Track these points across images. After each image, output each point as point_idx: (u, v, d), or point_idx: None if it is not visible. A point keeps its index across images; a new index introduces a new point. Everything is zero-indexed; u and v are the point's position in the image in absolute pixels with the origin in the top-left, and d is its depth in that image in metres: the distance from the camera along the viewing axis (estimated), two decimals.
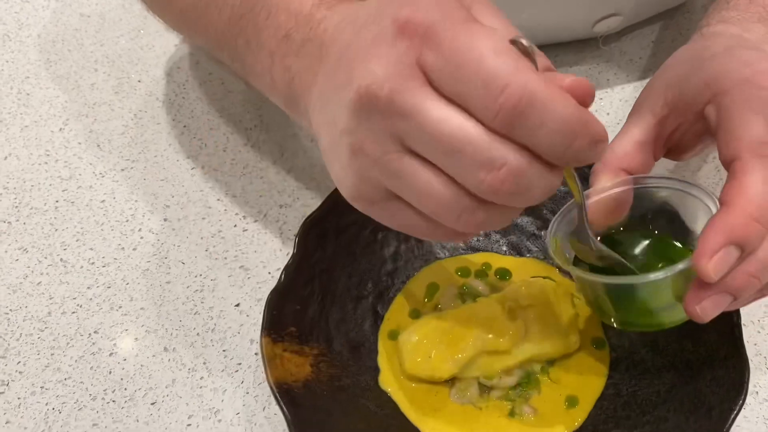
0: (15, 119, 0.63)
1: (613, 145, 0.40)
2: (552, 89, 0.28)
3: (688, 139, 0.41)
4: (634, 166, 0.40)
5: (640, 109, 0.41)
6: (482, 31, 0.29)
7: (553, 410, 0.42)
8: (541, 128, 0.28)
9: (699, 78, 0.39)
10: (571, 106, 0.28)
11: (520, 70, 0.28)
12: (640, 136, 0.40)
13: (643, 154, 0.40)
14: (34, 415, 0.46)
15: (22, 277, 0.52)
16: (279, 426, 0.44)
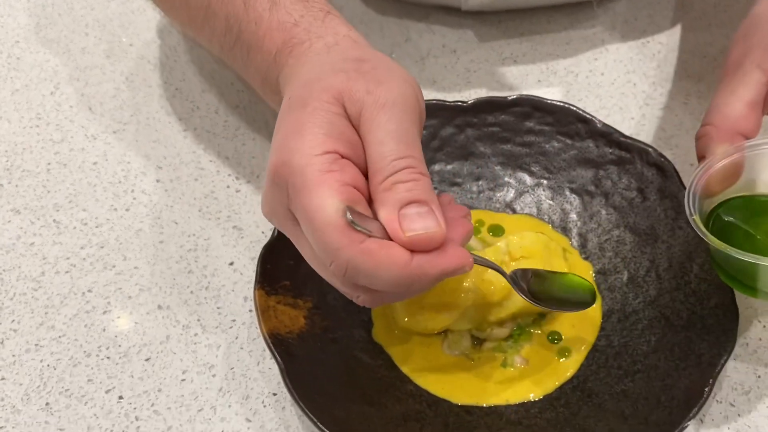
0: (5, 83, 0.63)
1: (724, 108, 0.39)
2: (375, 260, 0.32)
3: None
4: (750, 128, 0.38)
5: (742, 66, 0.39)
6: (321, 200, 0.32)
7: (544, 361, 0.43)
8: (373, 285, 0.33)
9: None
10: (396, 270, 0.32)
11: (343, 248, 0.32)
12: (750, 94, 0.38)
13: (756, 114, 0.38)
14: (29, 371, 0.46)
15: (15, 238, 0.52)
16: (273, 380, 0.44)
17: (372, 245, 0.32)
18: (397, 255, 0.32)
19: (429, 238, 0.32)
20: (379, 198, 0.33)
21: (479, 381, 0.42)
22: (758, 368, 0.44)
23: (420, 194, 0.33)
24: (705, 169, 0.39)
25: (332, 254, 0.32)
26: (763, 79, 0.38)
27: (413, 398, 0.41)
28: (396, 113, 0.34)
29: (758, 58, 0.38)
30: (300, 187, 0.33)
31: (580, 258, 0.47)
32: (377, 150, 0.34)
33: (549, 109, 0.50)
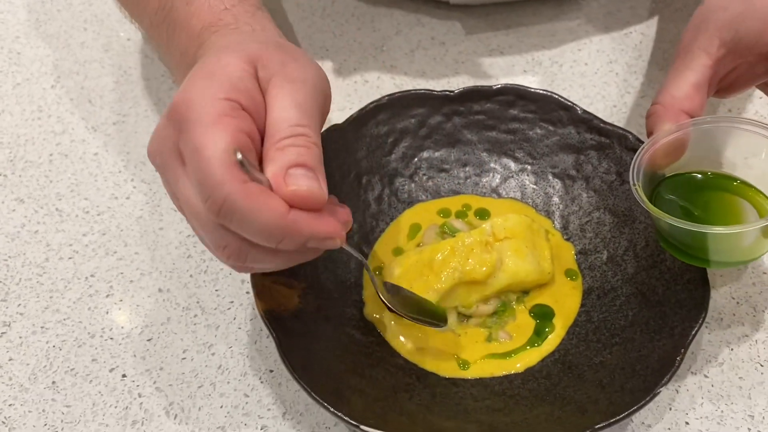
0: (6, 77, 0.65)
1: (671, 89, 0.41)
2: (253, 202, 0.32)
3: (745, 79, 0.42)
4: (694, 108, 0.41)
5: (690, 52, 0.41)
6: (213, 137, 0.33)
7: (527, 336, 0.45)
8: (245, 229, 0.33)
9: (759, 18, 0.39)
10: (271, 216, 0.33)
11: (225, 182, 0.32)
12: (696, 77, 0.40)
13: (701, 95, 0.41)
14: (36, 352, 0.48)
15: (20, 226, 0.54)
16: (270, 357, 0.46)
17: (253, 188, 0.33)
18: (275, 203, 0.33)
19: (310, 195, 0.33)
20: (270, 156, 0.34)
21: (465, 355, 0.44)
22: (731, 342, 0.46)
23: (309, 160, 0.34)
24: (651, 144, 0.41)
25: (212, 189, 0.33)
26: (708, 62, 0.41)
27: (403, 371, 0.43)
28: (304, 90, 0.36)
29: (704, 44, 0.41)
30: (196, 123, 0.34)
31: (563, 239, 0.49)
32: (279, 114, 0.35)
33: (532, 98, 0.52)
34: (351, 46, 0.64)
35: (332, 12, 0.67)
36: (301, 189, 0.33)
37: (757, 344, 0.46)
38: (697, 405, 0.43)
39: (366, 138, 0.51)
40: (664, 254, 0.45)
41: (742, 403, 0.43)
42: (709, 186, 0.43)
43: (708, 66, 0.41)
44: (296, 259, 0.37)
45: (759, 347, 0.45)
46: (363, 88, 0.61)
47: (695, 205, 0.42)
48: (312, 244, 0.35)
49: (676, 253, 0.42)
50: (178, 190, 0.36)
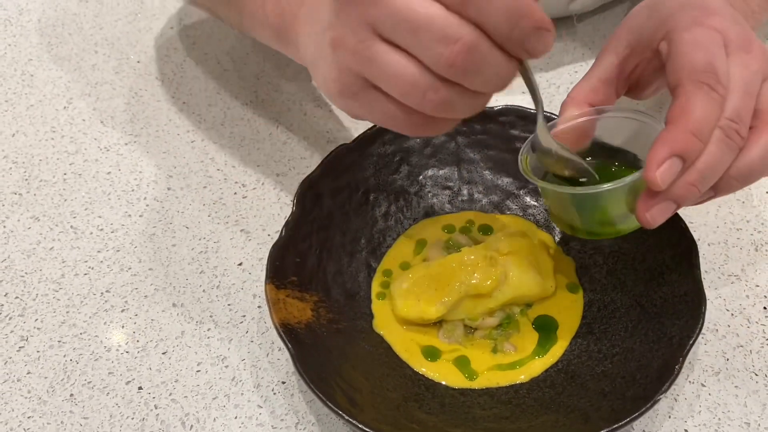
0: (20, 99, 0.66)
1: (580, 82, 0.45)
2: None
3: (647, 75, 0.46)
4: (598, 101, 0.45)
5: (604, 53, 0.46)
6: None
7: (531, 347, 0.46)
8: (488, 6, 0.32)
9: (655, 19, 0.43)
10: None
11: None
12: (603, 74, 0.45)
13: (606, 89, 0.45)
14: (54, 366, 0.49)
15: (35, 243, 0.56)
16: (282, 369, 0.48)
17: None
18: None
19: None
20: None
21: (472, 366, 0.46)
22: (726, 352, 0.48)
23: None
24: (551, 127, 0.44)
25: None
26: (615, 61, 0.44)
27: (412, 382, 0.45)
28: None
29: (614, 45, 0.45)
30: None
31: (563, 254, 0.51)
32: None
33: (532, 118, 0.53)
34: None
35: None
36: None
37: (751, 354, 0.47)
38: (695, 413, 0.45)
39: (373, 157, 0.53)
40: (660, 268, 0.47)
41: (739, 411, 0.45)
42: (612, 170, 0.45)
43: (615, 64, 0.44)
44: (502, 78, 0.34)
45: (753, 357, 0.47)
46: None
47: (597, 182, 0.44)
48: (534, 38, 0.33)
49: (562, 227, 0.45)
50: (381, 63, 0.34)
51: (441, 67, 0.33)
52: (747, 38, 0.41)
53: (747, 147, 0.40)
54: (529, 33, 0.33)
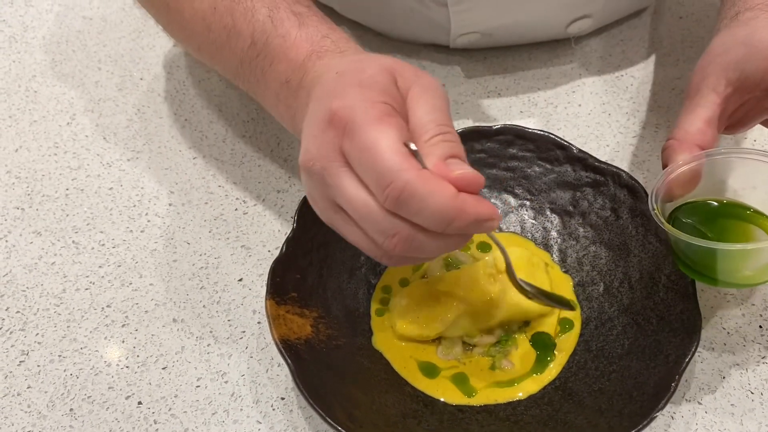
0: (24, 115, 0.67)
1: (684, 125, 0.45)
2: (430, 186, 0.35)
3: (753, 113, 0.46)
4: (706, 142, 0.44)
5: (700, 92, 0.45)
6: (384, 133, 0.36)
7: (529, 364, 0.47)
8: (419, 214, 0.35)
9: (761, 58, 0.43)
10: (446, 199, 0.35)
11: (404, 170, 0.35)
12: (707, 113, 0.44)
13: (712, 130, 0.44)
14: (54, 380, 0.49)
15: (37, 258, 0.56)
16: (281, 385, 0.48)
17: (427, 173, 0.35)
18: (447, 186, 0.35)
19: (474, 178, 0.36)
20: (427, 150, 0.37)
21: (470, 383, 0.46)
22: (723, 370, 0.48)
23: (461, 153, 0.37)
24: (666, 174, 0.45)
25: (393, 176, 0.35)
26: (717, 100, 0.45)
27: (411, 399, 0.45)
28: (439, 96, 0.39)
29: (713, 84, 0.45)
30: (363, 124, 0.36)
31: (561, 271, 0.52)
32: (424, 116, 0.38)
33: (530, 137, 0.55)
34: None
35: None
36: (467, 173, 0.36)
37: (747, 372, 0.48)
38: (692, 431, 0.45)
39: None
40: (657, 286, 0.48)
41: (735, 429, 0.45)
42: (722, 213, 0.46)
43: (717, 103, 0.44)
44: (451, 245, 0.38)
45: (749, 375, 0.48)
46: None
47: (709, 229, 0.45)
48: (472, 227, 0.36)
49: (691, 274, 0.45)
50: (341, 190, 0.37)
51: (387, 250, 0.38)
52: None
53: None
54: (465, 228, 0.36)
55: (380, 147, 0.35)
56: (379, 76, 0.38)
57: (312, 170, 0.38)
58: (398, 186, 0.35)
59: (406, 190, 0.35)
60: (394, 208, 0.36)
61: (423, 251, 0.38)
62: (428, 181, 0.35)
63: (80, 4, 0.77)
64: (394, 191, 0.35)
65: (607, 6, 0.66)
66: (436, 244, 0.37)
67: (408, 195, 0.35)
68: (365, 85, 0.38)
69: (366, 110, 0.36)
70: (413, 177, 0.35)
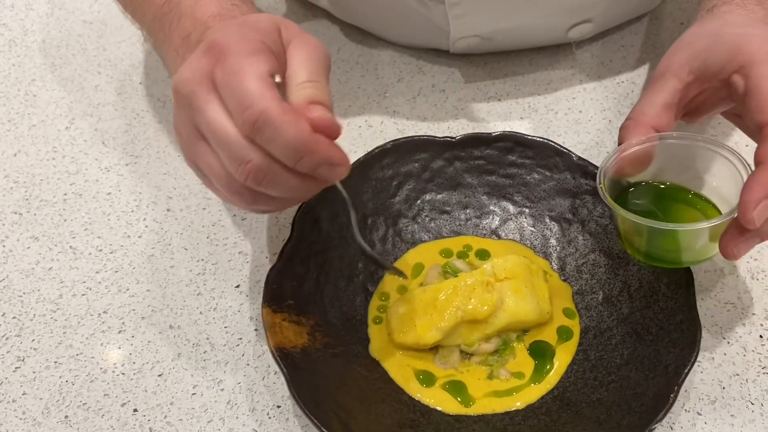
0: (23, 119, 0.67)
1: (643, 107, 0.46)
2: (287, 116, 0.36)
3: (710, 103, 0.47)
4: (662, 125, 0.45)
5: (663, 76, 0.46)
6: (253, 62, 0.37)
7: (527, 374, 0.46)
8: (273, 142, 0.37)
9: (723, 50, 0.44)
10: (300, 131, 0.36)
11: (264, 97, 0.36)
12: (666, 98, 0.45)
13: (669, 114, 0.46)
14: (49, 386, 0.49)
15: (34, 263, 0.56)
16: (277, 393, 0.48)
17: (287, 105, 0.37)
18: (303, 122, 0.37)
19: (330, 124, 0.38)
20: (294, 92, 0.38)
21: (468, 392, 0.46)
22: (723, 380, 0.48)
23: (327, 101, 0.39)
24: (619, 152, 0.46)
25: (252, 101, 0.36)
26: (678, 86, 0.45)
27: (407, 408, 0.45)
28: (318, 52, 0.41)
29: (676, 70, 0.46)
30: (236, 52, 0.38)
31: (560, 280, 0.51)
32: (300, 65, 0.40)
33: (529, 144, 0.54)
34: (356, 92, 0.67)
35: (337, 59, 0.70)
36: (324, 117, 0.38)
37: (747, 383, 0.47)
38: None
39: (372, 181, 0.54)
40: (656, 295, 0.47)
41: None
42: (667, 196, 0.47)
43: (678, 89, 0.45)
44: (303, 189, 0.40)
45: (750, 386, 0.47)
46: (367, 133, 0.64)
47: (653, 210, 0.46)
48: (323, 169, 0.38)
49: (635, 254, 0.46)
50: (204, 114, 0.38)
51: (240, 179, 0.39)
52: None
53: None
54: (315, 166, 0.38)
55: (246, 72, 0.37)
56: (263, 22, 0.41)
57: (180, 93, 0.39)
58: (256, 111, 0.36)
59: (263, 116, 0.36)
60: (250, 132, 0.37)
61: (274, 186, 0.39)
62: (286, 112, 0.36)
63: (80, 7, 0.77)
64: (252, 115, 0.36)
65: (607, 11, 0.65)
66: (287, 182, 0.38)
67: (264, 121, 0.36)
68: (247, 26, 0.40)
69: (241, 43, 0.38)
70: (272, 105, 0.36)
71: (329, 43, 0.71)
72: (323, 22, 0.73)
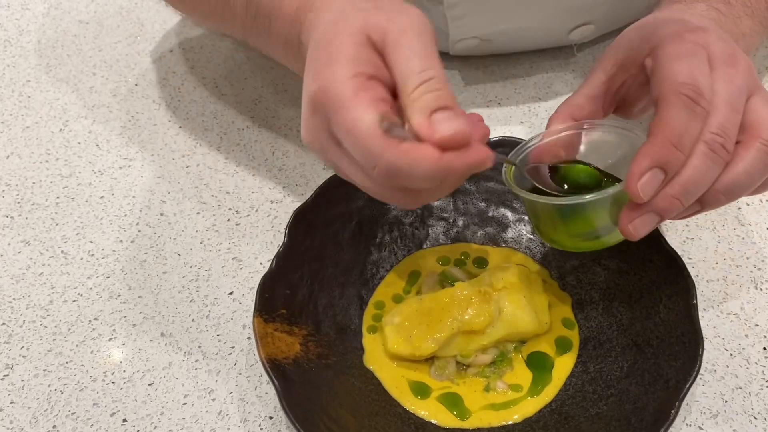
0: (16, 120, 0.66)
1: (567, 99, 0.46)
2: (411, 157, 0.36)
3: (633, 92, 0.46)
4: (583, 116, 0.45)
5: (593, 71, 0.46)
6: (360, 115, 0.36)
7: (525, 386, 0.45)
8: (411, 183, 0.37)
9: (641, 36, 0.44)
10: (430, 164, 0.36)
11: (384, 151, 0.36)
12: (590, 91, 0.46)
13: (592, 105, 0.46)
14: (38, 395, 0.48)
15: (25, 268, 0.55)
16: (270, 403, 0.47)
17: (407, 146, 0.36)
18: (429, 152, 0.36)
19: (455, 137, 0.36)
20: (410, 108, 0.37)
21: (464, 405, 0.45)
22: (725, 393, 0.46)
23: (446, 101, 0.37)
24: (537, 139, 0.46)
25: (375, 159, 0.36)
26: (603, 78, 0.45)
27: (402, 421, 0.44)
28: (417, 36, 0.38)
29: (603, 63, 0.46)
30: (339, 107, 0.37)
31: (559, 289, 0.50)
32: (405, 65, 0.37)
33: None
34: None
35: None
36: (446, 133, 0.36)
37: (750, 396, 0.46)
38: None
39: None
40: (657, 306, 0.46)
41: None
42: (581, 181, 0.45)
43: (602, 81, 0.45)
44: (458, 182, 0.41)
45: (753, 400, 0.46)
46: None
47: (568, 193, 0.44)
48: (468, 173, 0.38)
49: (544, 239, 0.46)
50: (344, 168, 0.39)
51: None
52: (731, 53, 0.41)
53: (733, 161, 0.40)
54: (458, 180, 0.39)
55: (356, 132, 0.36)
56: (347, 44, 0.39)
57: (313, 150, 0.40)
58: (383, 167, 0.36)
59: (390, 169, 0.36)
60: (387, 182, 0.37)
61: (427, 200, 0.40)
62: (408, 153, 0.36)
63: (76, 7, 0.77)
64: (381, 172, 0.36)
65: (609, 13, 0.64)
66: (439, 193, 0.40)
67: (393, 172, 0.36)
68: (334, 60, 0.38)
69: (338, 92, 0.37)
70: (393, 155, 0.36)
71: None
72: None
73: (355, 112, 0.36)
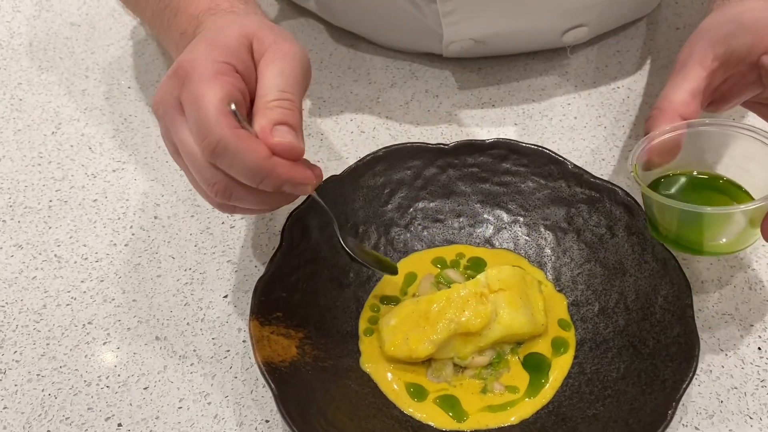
0: (8, 123, 0.66)
1: (669, 95, 0.45)
2: (243, 143, 0.38)
3: (737, 89, 0.46)
4: (689, 113, 0.45)
5: (687, 65, 0.45)
6: (212, 89, 0.39)
7: (522, 388, 0.45)
8: (232, 168, 0.39)
9: (748, 33, 0.44)
10: (256, 158, 0.38)
11: (219, 126, 0.38)
12: (692, 86, 0.45)
13: (696, 102, 0.45)
14: (31, 400, 0.48)
15: (18, 272, 0.55)
16: (266, 407, 0.47)
17: (243, 133, 0.38)
18: (260, 147, 0.38)
19: (291, 147, 0.39)
20: (260, 113, 0.40)
21: (461, 407, 0.45)
22: (720, 393, 0.47)
23: (293, 121, 0.40)
24: (647, 141, 0.45)
25: (208, 131, 0.38)
26: (703, 74, 0.45)
27: (399, 423, 0.43)
28: (291, 64, 0.42)
29: (700, 58, 0.45)
30: (197, 78, 0.39)
31: (555, 290, 0.50)
32: (271, 81, 0.41)
33: (524, 152, 0.53)
34: (348, 97, 0.66)
35: (329, 64, 0.69)
36: (284, 141, 0.39)
37: (746, 396, 0.46)
38: None
39: (363, 188, 0.53)
40: (653, 307, 0.46)
41: None
42: (699, 184, 0.46)
43: (703, 77, 0.45)
44: (273, 201, 0.42)
45: (748, 400, 0.46)
46: (359, 138, 0.63)
47: (686, 200, 0.44)
48: (287, 188, 0.40)
49: (667, 242, 0.45)
50: (176, 134, 0.41)
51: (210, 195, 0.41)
52: None
53: None
54: (277, 186, 0.39)
55: (203, 101, 0.38)
56: (232, 38, 0.42)
57: (157, 113, 0.42)
58: (213, 140, 0.38)
59: (219, 145, 0.38)
60: (210, 159, 0.39)
61: (243, 202, 0.41)
62: (241, 139, 0.38)
63: (68, 10, 0.76)
64: (209, 144, 0.38)
65: (602, 15, 0.65)
66: (256, 197, 0.41)
67: (221, 149, 0.38)
68: (214, 45, 0.41)
69: (203, 66, 0.40)
70: (227, 134, 0.38)
71: (320, 47, 0.70)
72: (315, 26, 0.72)
73: (207, 86, 0.39)
